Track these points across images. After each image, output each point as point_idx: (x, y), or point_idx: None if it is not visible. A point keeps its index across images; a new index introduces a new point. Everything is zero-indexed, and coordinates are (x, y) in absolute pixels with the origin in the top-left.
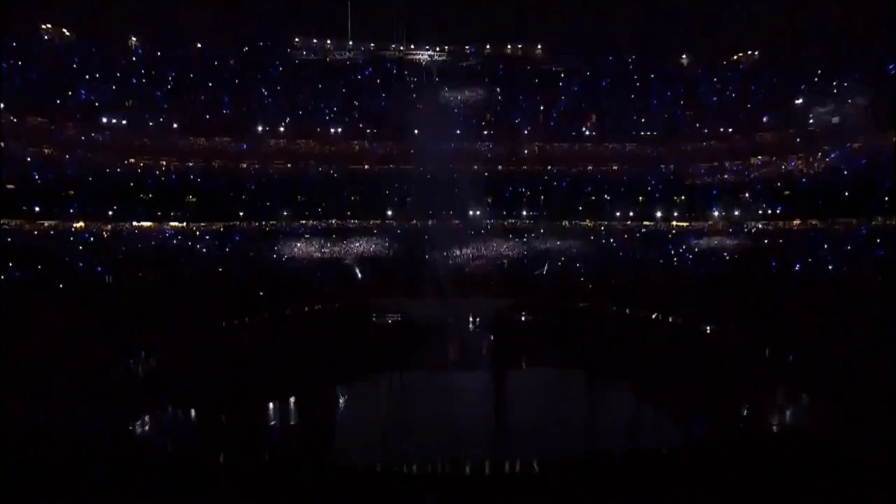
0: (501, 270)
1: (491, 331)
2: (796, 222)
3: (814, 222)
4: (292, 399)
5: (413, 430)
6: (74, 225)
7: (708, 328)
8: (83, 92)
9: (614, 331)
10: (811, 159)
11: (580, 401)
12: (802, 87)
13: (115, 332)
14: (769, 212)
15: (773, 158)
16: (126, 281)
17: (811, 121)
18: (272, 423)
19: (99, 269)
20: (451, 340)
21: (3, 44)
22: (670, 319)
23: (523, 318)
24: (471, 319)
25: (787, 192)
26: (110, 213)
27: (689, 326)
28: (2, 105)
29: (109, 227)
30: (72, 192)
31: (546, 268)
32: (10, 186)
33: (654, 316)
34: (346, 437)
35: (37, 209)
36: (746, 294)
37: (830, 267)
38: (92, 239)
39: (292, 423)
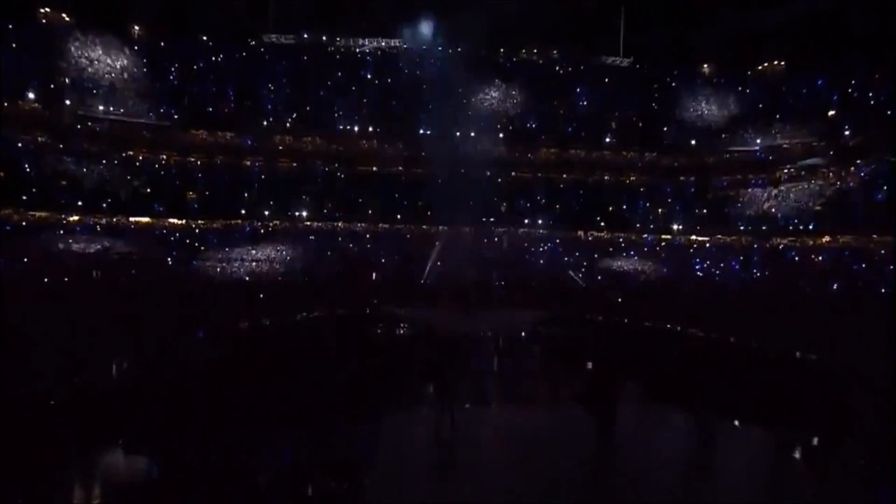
0: (518, 280)
1: (538, 351)
2: (826, 238)
3: (845, 239)
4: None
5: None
6: (69, 218)
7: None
8: (81, 79)
9: (684, 350)
10: (843, 173)
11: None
12: (834, 97)
13: (96, 336)
14: (799, 227)
15: (802, 172)
16: (118, 278)
17: (845, 133)
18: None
19: (92, 264)
20: (488, 362)
21: None
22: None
23: (567, 335)
24: (503, 334)
25: (817, 208)
26: (106, 206)
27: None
28: None
29: (104, 221)
30: (65, 183)
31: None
32: None
33: (720, 338)
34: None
35: (28, 200)
36: (789, 315)
37: (865, 286)
38: (86, 233)
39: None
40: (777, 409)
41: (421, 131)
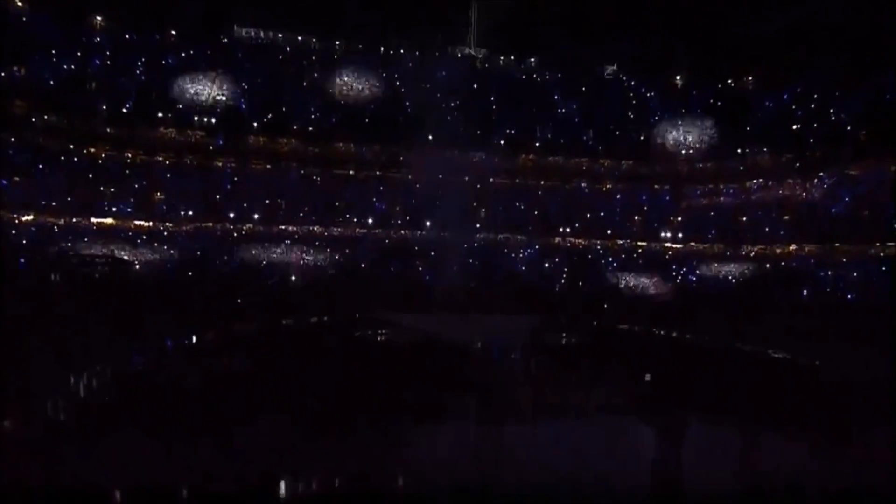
0: (502, 287)
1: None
2: (793, 247)
3: (810, 248)
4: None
5: None
6: (22, 218)
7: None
8: (37, 69)
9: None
10: (808, 184)
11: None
12: (799, 112)
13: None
14: (767, 236)
15: (770, 182)
16: (76, 284)
17: (809, 145)
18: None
19: (48, 268)
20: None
21: None
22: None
23: (572, 341)
24: (503, 340)
25: (785, 217)
26: (64, 206)
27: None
28: None
29: (62, 221)
30: (18, 180)
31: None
32: None
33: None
34: None
35: None
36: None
37: (830, 292)
38: (42, 234)
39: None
40: (759, 406)
41: (400, 136)
